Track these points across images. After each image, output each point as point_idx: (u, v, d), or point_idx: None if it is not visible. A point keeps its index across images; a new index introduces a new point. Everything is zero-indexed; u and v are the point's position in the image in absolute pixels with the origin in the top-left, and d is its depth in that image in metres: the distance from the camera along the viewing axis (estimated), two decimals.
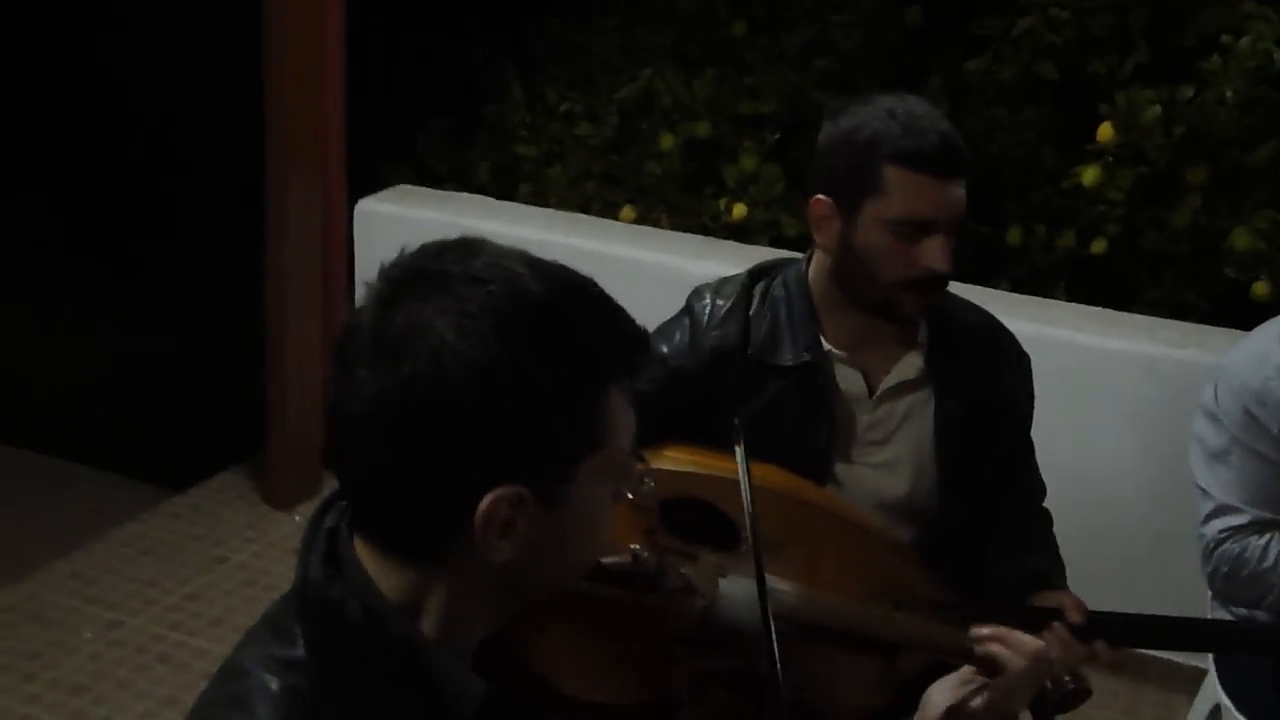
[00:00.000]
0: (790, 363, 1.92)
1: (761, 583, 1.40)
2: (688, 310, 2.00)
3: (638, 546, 1.51)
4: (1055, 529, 2.17)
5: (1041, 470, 2.14)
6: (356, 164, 4.03)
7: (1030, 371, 2.07)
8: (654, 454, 1.83)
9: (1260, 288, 3.52)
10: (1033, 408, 2.08)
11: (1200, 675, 2.66)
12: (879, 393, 1.96)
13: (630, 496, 1.13)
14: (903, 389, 1.96)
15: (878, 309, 1.89)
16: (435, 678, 1.07)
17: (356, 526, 1.10)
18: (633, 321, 1.09)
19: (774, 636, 1.34)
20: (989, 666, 1.44)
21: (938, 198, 1.80)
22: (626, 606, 1.49)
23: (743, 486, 1.49)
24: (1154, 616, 1.92)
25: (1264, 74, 3.56)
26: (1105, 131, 3.60)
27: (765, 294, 1.97)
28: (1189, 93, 3.60)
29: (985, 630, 1.47)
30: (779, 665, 1.33)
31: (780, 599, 1.51)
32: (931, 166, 1.79)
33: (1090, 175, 3.61)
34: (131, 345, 4.28)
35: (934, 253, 1.81)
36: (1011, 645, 1.45)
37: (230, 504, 4.01)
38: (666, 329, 2.00)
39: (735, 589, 1.54)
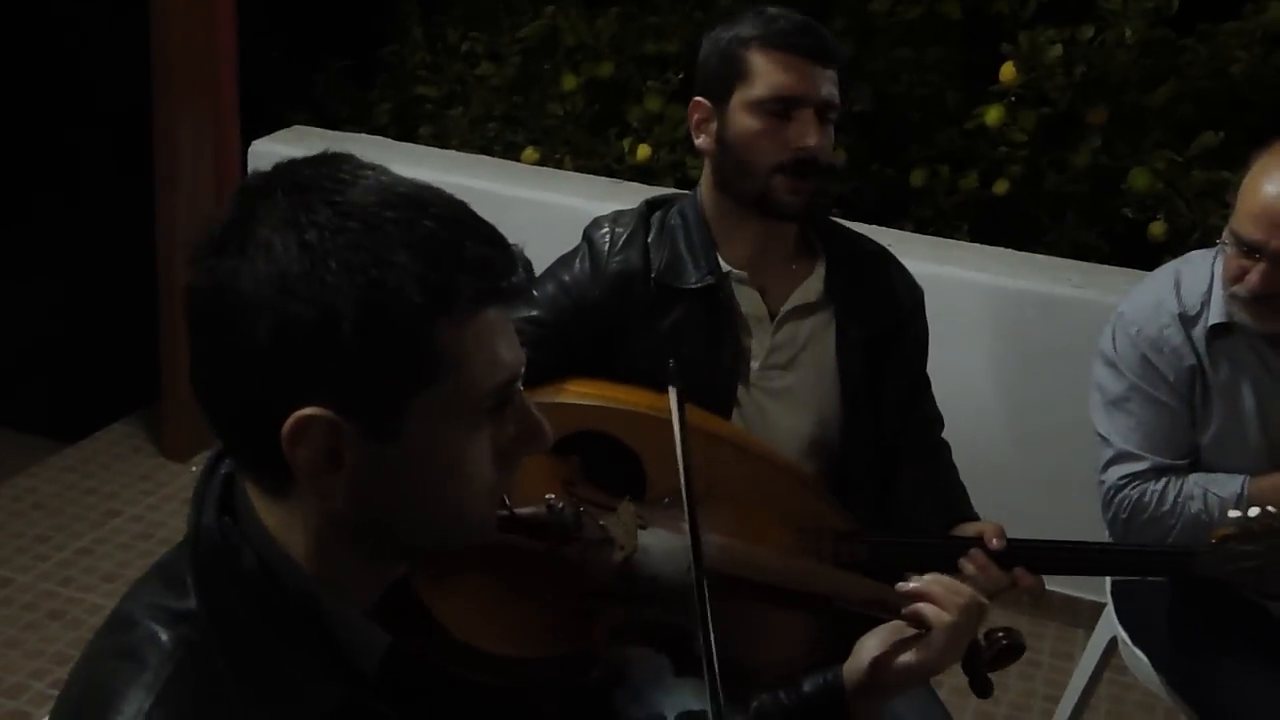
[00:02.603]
0: (694, 285, 1.92)
1: (696, 542, 1.35)
2: (587, 240, 1.99)
3: (553, 496, 1.47)
4: (958, 467, 2.18)
5: (943, 409, 2.14)
6: (253, 107, 3.92)
7: (923, 304, 2.08)
8: (557, 388, 1.80)
9: (1157, 228, 3.56)
10: (926, 342, 2.09)
11: (1098, 610, 2.71)
12: (780, 315, 1.96)
13: (518, 438, 1.05)
14: (803, 311, 1.97)
15: (758, 203, 1.90)
16: (334, 629, 1.03)
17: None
18: (496, 249, 1.01)
19: (706, 597, 1.29)
20: (918, 621, 1.41)
21: (800, 74, 1.85)
22: (541, 558, 1.45)
23: (677, 439, 1.42)
24: (1071, 542, 1.93)
25: (1161, 15, 3.59)
26: (1008, 71, 3.60)
27: (662, 223, 1.98)
28: (1089, 33, 3.61)
29: (911, 585, 1.43)
30: (709, 622, 1.28)
31: (710, 560, 1.45)
32: (791, 45, 1.85)
33: (993, 115, 3.62)
34: (18, 294, 4.13)
35: (803, 129, 1.85)
36: (939, 600, 1.41)
37: (124, 456, 3.90)
38: (566, 260, 1.99)
39: (655, 541, 1.51)
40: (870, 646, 1.41)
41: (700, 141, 1.95)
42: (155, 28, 3.54)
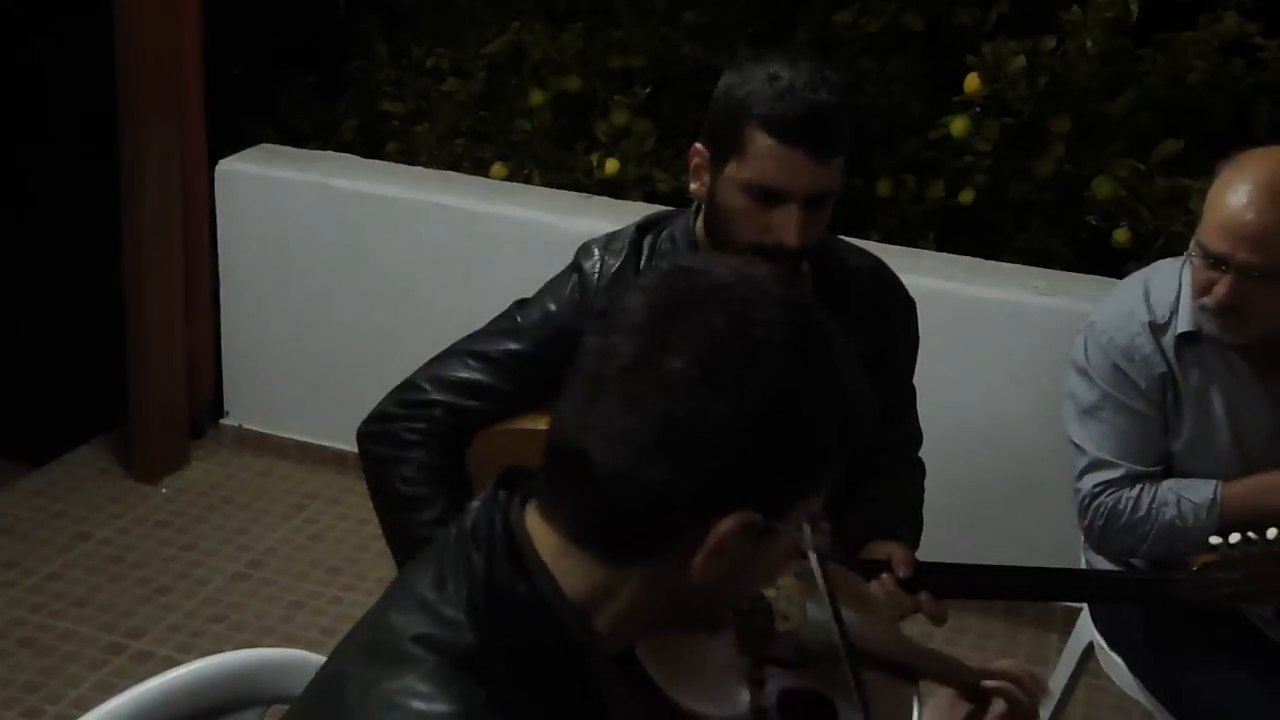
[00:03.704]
0: None
1: (836, 609, 1.46)
2: (577, 268, 1.96)
3: None
4: (930, 476, 2.20)
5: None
6: (216, 124, 3.90)
7: (915, 318, 2.08)
8: (536, 417, 1.81)
9: (1121, 234, 3.60)
10: (915, 355, 2.10)
11: (1072, 615, 2.73)
12: None
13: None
14: None
15: None
16: (601, 687, 1.07)
17: (546, 511, 1.08)
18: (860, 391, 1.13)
19: (857, 663, 1.42)
20: (986, 695, 1.47)
21: (792, 169, 1.77)
22: (732, 625, 1.50)
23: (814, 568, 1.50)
24: (978, 566, 1.97)
25: (1121, 26, 3.63)
26: (972, 82, 3.63)
27: (654, 248, 1.95)
28: (1051, 44, 3.65)
29: (994, 683, 1.47)
30: (861, 685, 1.40)
31: (854, 632, 1.53)
32: (790, 136, 1.76)
33: (959, 126, 3.65)
34: None
35: (783, 224, 1.79)
36: (1013, 677, 1.47)
37: (92, 478, 3.87)
38: (555, 287, 1.97)
39: (815, 614, 1.56)
40: None
41: (694, 187, 1.90)
42: (120, 45, 3.52)
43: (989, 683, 1.47)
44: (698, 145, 1.88)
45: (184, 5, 3.64)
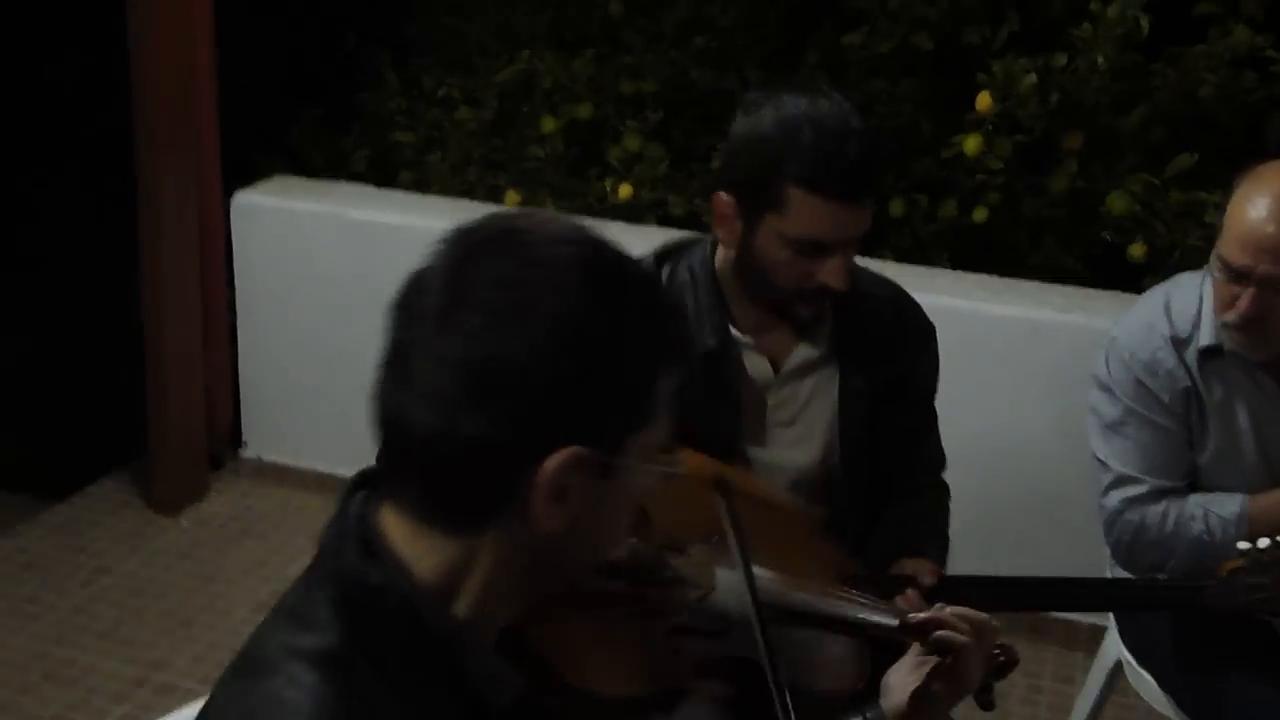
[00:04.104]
0: (696, 350, 1.90)
1: (749, 572, 1.45)
2: None
3: (635, 541, 1.52)
4: (951, 495, 2.19)
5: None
6: (230, 157, 3.92)
7: (935, 343, 2.08)
8: None
9: (1136, 249, 3.59)
10: (937, 379, 2.09)
11: (1097, 633, 2.72)
12: (783, 372, 1.95)
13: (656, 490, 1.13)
14: (807, 368, 1.96)
15: (773, 305, 1.89)
16: (471, 671, 1.06)
17: (394, 502, 1.08)
18: (678, 311, 1.14)
19: (764, 626, 1.41)
20: (942, 649, 1.47)
21: (839, 222, 1.78)
22: (629, 600, 1.51)
23: (718, 482, 1.53)
24: (1006, 578, 1.98)
25: (1131, 40, 3.64)
26: (984, 100, 3.64)
27: (672, 277, 1.94)
28: (1062, 60, 3.65)
29: (921, 616, 1.49)
30: (772, 651, 1.38)
31: (765, 587, 1.54)
32: (835, 194, 1.76)
33: (972, 144, 3.65)
34: (1, 348, 4.11)
35: (832, 272, 1.81)
36: (958, 628, 1.47)
37: (113, 511, 3.88)
38: None
39: (727, 579, 1.56)
40: (899, 680, 1.47)
41: (721, 234, 1.89)
42: (136, 80, 3.54)
43: (941, 633, 1.47)
44: (722, 195, 1.86)
45: (198, 40, 3.66)
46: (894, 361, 1.99)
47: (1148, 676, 2.36)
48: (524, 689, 1.08)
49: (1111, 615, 2.50)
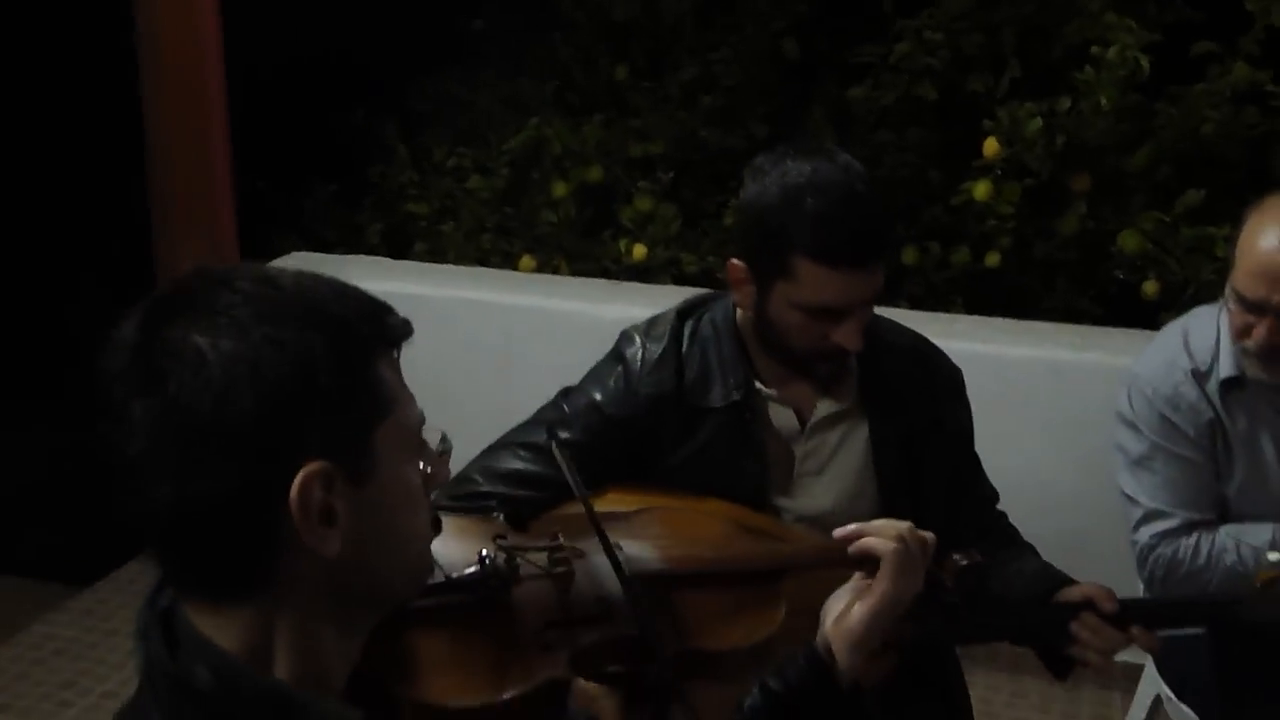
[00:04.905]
0: (719, 404, 1.91)
1: (606, 542, 1.50)
2: (619, 357, 1.97)
3: (485, 551, 1.55)
4: None
5: None
6: (243, 236, 3.96)
7: (963, 386, 2.07)
8: (596, 497, 1.82)
9: (1150, 287, 3.62)
10: (971, 421, 2.09)
11: (1133, 671, 2.71)
12: (810, 424, 1.95)
13: (431, 470, 1.12)
14: (835, 419, 1.96)
15: (790, 362, 1.90)
16: None
17: (179, 590, 1.05)
18: (373, 297, 1.09)
19: (633, 595, 1.46)
20: (865, 557, 1.48)
21: (848, 287, 1.78)
22: (487, 609, 1.53)
23: (564, 468, 1.59)
24: (1176, 597, 2.07)
25: (1133, 81, 3.68)
26: (991, 146, 3.68)
27: (695, 333, 1.96)
28: (1066, 104, 3.70)
29: (848, 529, 1.50)
30: (642, 613, 1.44)
31: (642, 564, 1.59)
32: (842, 262, 1.76)
33: (982, 190, 3.69)
34: (21, 438, 4.14)
35: (846, 334, 1.82)
36: (876, 531, 1.48)
37: (141, 594, 3.82)
38: (599, 374, 1.97)
39: (588, 565, 1.60)
40: (834, 606, 1.47)
41: (737, 298, 1.91)
42: (151, 162, 3.59)
43: (864, 542, 1.48)
44: (735, 262, 1.88)
45: (213, 117, 3.71)
46: (924, 409, 1.99)
47: (1188, 710, 2.35)
48: None
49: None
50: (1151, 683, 2.49)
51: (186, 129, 3.62)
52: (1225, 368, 2.15)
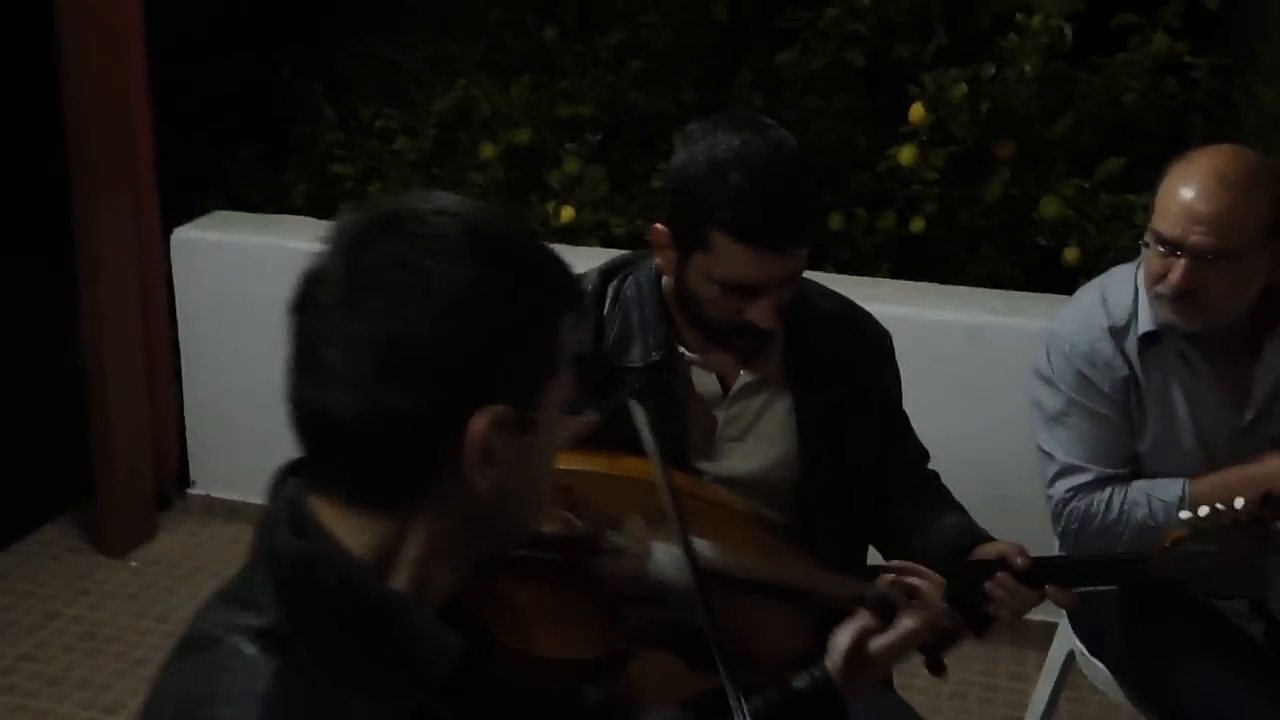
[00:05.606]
0: (639, 364, 1.92)
1: (685, 536, 1.54)
2: None
3: (571, 515, 1.59)
4: None
5: None
6: (167, 198, 3.90)
7: (891, 350, 2.08)
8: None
9: (1070, 253, 3.67)
10: (899, 382, 2.10)
11: (1047, 629, 2.76)
12: (732, 392, 1.96)
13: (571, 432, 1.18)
14: (757, 386, 1.97)
15: (711, 335, 1.91)
16: (411, 638, 1.07)
17: (320, 489, 1.09)
18: (559, 256, 1.14)
19: (705, 588, 1.51)
20: (885, 612, 1.59)
21: (764, 267, 1.78)
22: (568, 570, 1.56)
23: (650, 451, 1.61)
24: (1087, 555, 2.13)
25: (1056, 50, 3.72)
26: (917, 112, 3.71)
27: (618, 293, 1.96)
28: (991, 70, 3.73)
29: (887, 579, 1.61)
30: (713, 614, 1.48)
31: (704, 556, 1.61)
32: (758, 239, 1.75)
33: (907, 155, 3.72)
34: None
35: (759, 311, 1.81)
36: (927, 577, 1.61)
37: (59, 556, 3.82)
38: None
39: (663, 549, 1.61)
40: (843, 639, 1.57)
41: (659, 263, 1.92)
42: (69, 121, 3.52)
43: (884, 590, 1.61)
44: (659, 226, 1.88)
45: (132, 77, 3.65)
46: (850, 376, 1.99)
47: (1101, 666, 2.40)
48: (464, 653, 1.10)
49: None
50: (1065, 639, 2.54)
51: (106, 84, 3.55)
52: (1144, 323, 2.20)
